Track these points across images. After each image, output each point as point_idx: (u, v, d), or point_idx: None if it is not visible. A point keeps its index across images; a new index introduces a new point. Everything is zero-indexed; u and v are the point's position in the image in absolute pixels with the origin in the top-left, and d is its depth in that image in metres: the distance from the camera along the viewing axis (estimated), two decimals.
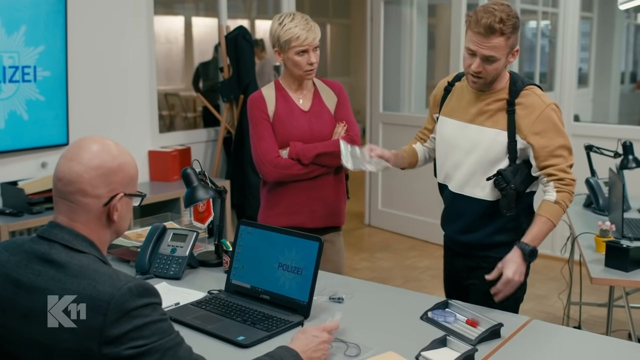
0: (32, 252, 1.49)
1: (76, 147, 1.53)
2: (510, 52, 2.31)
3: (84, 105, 4.02)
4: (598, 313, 4.31)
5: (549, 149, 2.31)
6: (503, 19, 2.22)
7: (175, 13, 9.63)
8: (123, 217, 1.58)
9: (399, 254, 5.67)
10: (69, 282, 1.41)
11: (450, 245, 2.67)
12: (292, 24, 2.69)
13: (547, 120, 2.32)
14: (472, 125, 2.43)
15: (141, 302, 1.40)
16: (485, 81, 2.36)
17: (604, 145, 3.78)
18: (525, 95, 2.36)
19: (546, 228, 2.32)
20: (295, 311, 2.11)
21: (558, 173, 2.32)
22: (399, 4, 6.36)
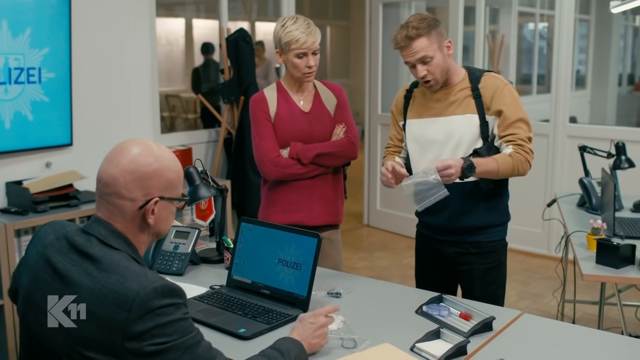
0: (73, 242, 1.55)
1: (117, 150, 1.58)
2: (440, 46, 2.51)
3: (87, 106, 4.08)
4: (592, 311, 4.38)
5: (510, 120, 2.51)
6: (414, 25, 2.48)
7: (176, 15, 9.71)
8: (161, 220, 1.62)
9: (397, 253, 5.74)
10: (99, 276, 1.47)
11: (433, 235, 2.76)
12: (294, 27, 2.76)
13: (507, 96, 2.54)
14: (442, 117, 2.60)
15: (165, 301, 1.45)
16: (437, 81, 2.56)
17: (599, 146, 3.85)
18: (486, 80, 2.58)
19: (490, 163, 2.46)
20: (294, 305, 2.18)
21: (517, 140, 2.50)
22: (397, 7, 6.44)
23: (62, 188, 3.72)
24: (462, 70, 2.63)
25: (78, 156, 4.04)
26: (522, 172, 2.50)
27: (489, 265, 2.67)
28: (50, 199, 3.63)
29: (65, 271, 1.52)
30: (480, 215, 2.63)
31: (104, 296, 1.44)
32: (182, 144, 4.72)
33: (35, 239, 1.65)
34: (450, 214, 2.65)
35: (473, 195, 2.60)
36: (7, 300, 3.32)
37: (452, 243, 2.70)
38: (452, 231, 2.67)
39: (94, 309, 1.44)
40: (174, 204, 1.66)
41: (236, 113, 4.71)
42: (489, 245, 2.67)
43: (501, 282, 2.72)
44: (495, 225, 2.67)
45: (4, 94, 3.62)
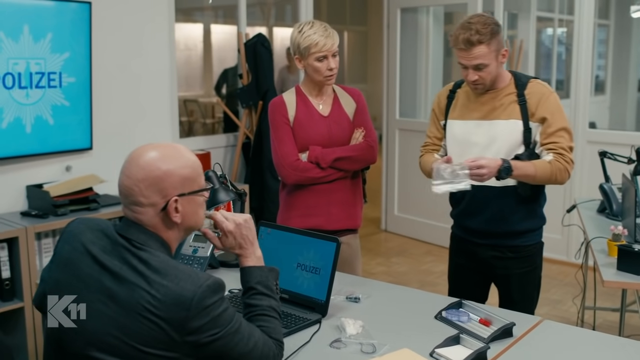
0: (115, 241, 1.62)
1: (128, 161, 1.64)
2: (497, 54, 2.50)
3: (107, 111, 4.11)
4: (613, 318, 4.34)
5: (552, 128, 2.52)
6: (479, 30, 2.42)
7: (195, 20, 9.75)
8: (188, 215, 1.68)
9: (415, 258, 5.72)
10: (152, 277, 1.55)
11: (469, 238, 2.77)
12: (311, 31, 2.77)
13: (553, 104, 2.55)
14: (486, 121, 2.60)
15: (217, 297, 1.58)
16: (485, 85, 2.57)
17: (619, 152, 3.81)
18: (532, 87, 2.58)
19: (528, 167, 2.48)
20: (313, 309, 2.18)
21: (558, 148, 2.51)
22: (415, 12, 6.42)
23: (82, 192, 3.75)
24: (508, 75, 2.63)
25: (98, 160, 4.07)
26: (560, 180, 2.52)
27: (526, 269, 2.71)
28: (70, 202, 3.66)
29: (116, 270, 1.58)
30: (518, 220, 2.65)
31: (163, 297, 1.52)
32: (200, 148, 4.74)
33: (67, 235, 1.69)
34: (488, 217, 2.66)
35: (512, 200, 2.61)
36: (27, 302, 3.35)
37: (488, 247, 2.72)
38: (489, 235, 2.69)
39: (152, 308, 1.52)
40: (197, 196, 1.70)
41: (254, 118, 4.73)
42: (525, 249, 2.70)
43: (537, 283, 2.76)
44: (532, 230, 2.70)
45: (25, 99, 3.66)
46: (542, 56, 8.55)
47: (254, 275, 1.81)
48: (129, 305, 1.54)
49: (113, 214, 3.72)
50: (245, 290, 1.81)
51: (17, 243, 3.32)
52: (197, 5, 8.94)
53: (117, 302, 1.56)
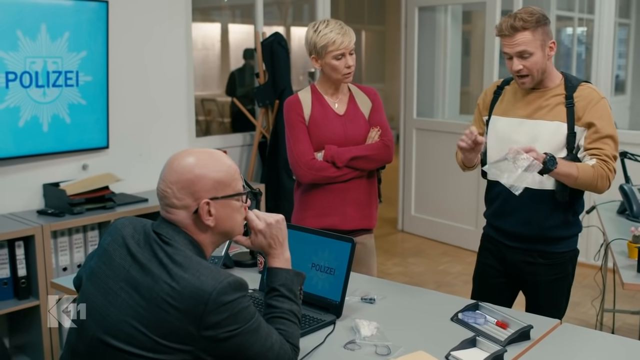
0: (148, 236, 1.67)
1: (165, 165, 1.70)
2: (543, 44, 2.43)
3: (124, 110, 4.12)
4: (632, 321, 4.28)
5: (599, 135, 2.44)
6: (523, 17, 2.40)
7: (212, 20, 9.77)
8: (222, 219, 1.71)
9: (432, 259, 5.68)
10: (175, 270, 1.58)
11: (500, 239, 2.70)
12: (327, 29, 2.75)
13: (602, 109, 2.46)
14: (530, 120, 2.53)
15: (237, 295, 1.59)
16: (532, 78, 2.48)
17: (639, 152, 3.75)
18: (582, 90, 2.50)
19: (571, 167, 2.39)
20: (327, 310, 2.16)
21: (602, 155, 2.43)
22: (433, 11, 6.38)
23: (98, 190, 3.76)
24: (559, 76, 2.56)
25: (114, 159, 4.08)
26: (600, 188, 2.43)
27: (555, 277, 2.63)
28: (87, 200, 3.67)
29: (145, 262, 1.63)
30: (553, 227, 2.57)
31: (182, 289, 1.55)
32: (216, 147, 4.73)
33: (112, 229, 1.77)
34: (521, 220, 2.59)
35: (548, 204, 2.54)
36: (42, 301, 3.36)
37: (519, 250, 2.65)
38: (521, 238, 2.63)
39: (171, 300, 1.55)
40: (233, 201, 1.72)
41: (271, 117, 4.71)
42: (558, 256, 2.62)
43: (566, 291, 2.69)
44: (567, 237, 2.62)
45: (42, 97, 3.68)
46: (562, 56, 8.46)
47: (279, 277, 1.81)
48: (150, 296, 1.58)
49: (129, 212, 3.72)
50: (269, 291, 1.81)
51: (33, 241, 3.34)
52: (215, 4, 8.95)
53: (139, 292, 1.60)
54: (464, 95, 6.97)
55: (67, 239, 3.58)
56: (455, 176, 5.52)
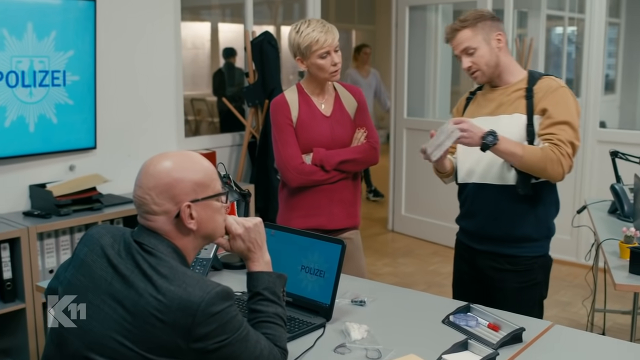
0: (129, 246, 1.61)
1: (140, 172, 1.64)
2: (487, 38, 2.46)
3: (112, 110, 4.07)
4: (623, 321, 4.27)
5: (553, 120, 2.39)
6: (461, 18, 2.49)
7: (202, 19, 9.72)
8: (204, 221, 1.66)
9: (422, 259, 5.66)
10: (160, 282, 1.53)
11: (470, 244, 2.68)
12: (309, 29, 2.73)
13: (559, 97, 2.42)
14: (492, 117, 2.52)
15: (225, 304, 1.54)
16: (482, 73, 2.51)
17: (629, 151, 3.74)
18: (542, 82, 2.48)
19: (516, 145, 2.35)
20: (317, 313, 2.13)
21: (554, 139, 2.36)
22: (424, 10, 6.36)
23: (85, 191, 3.71)
24: (523, 73, 2.55)
25: (102, 159, 4.04)
26: (551, 172, 2.34)
27: (524, 285, 2.55)
28: (74, 202, 3.62)
29: (127, 274, 1.57)
30: (516, 224, 2.51)
31: (169, 302, 1.50)
32: (206, 147, 4.70)
33: (88, 239, 1.70)
34: (484, 218, 2.57)
35: (511, 200, 2.49)
36: (28, 304, 3.32)
37: (486, 255, 2.60)
38: (486, 239, 2.59)
39: (157, 314, 1.50)
40: (214, 202, 1.67)
41: (260, 117, 4.68)
42: (525, 263, 2.54)
43: (536, 301, 2.58)
44: (532, 239, 2.54)
45: (28, 97, 3.63)
46: (552, 55, 8.47)
47: (261, 281, 1.77)
48: (135, 310, 1.52)
49: (117, 214, 3.68)
50: (252, 296, 1.77)
51: (19, 243, 3.29)
52: (205, 3, 8.90)
53: (124, 306, 1.54)
54: (454, 95, 6.96)
55: (54, 240, 3.54)
56: None
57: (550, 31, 8.31)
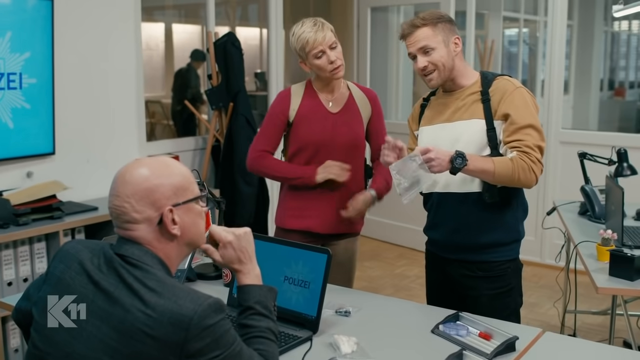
0: (111, 260, 1.51)
1: (115, 181, 1.55)
2: (446, 40, 2.37)
3: (71, 113, 3.91)
4: (591, 321, 4.30)
5: (517, 125, 2.30)
6: (422, 16, 2.38)
7: (156, 20, 9.53)
8: (188, 226, 1.58)
9: (388, 262, 5.62)
10: (148, 296, 1.43)
11: (439, 253, 2.60)
12: (301, 30, 2.68)
13: (517, 99, 2.34)
14: (449, 123, 2.44)
15: (218, 317, 1.45)
16: (438, 74, 2.40)
17: (592, 152, 3.75)
18: (497, 83, 2.40)
19: (486, 162, 2.25)
20: (303, 326, 2.06)
21: (522, 147, 2.28)
22: (385, 11, 6.33)
23: (44, 199, 3.54)
24: (476, 74, 2.47)
25: (61, 165, 3.87)
26: (524, 181, 2.26)
27: (498, 291, 2.45)
28: (33, 210, 3.45)
29: (110, 290, 1.46)
30: (484, 231, 2.43)
31: (159, 316, 1.41)
32: (167, 152, 4.57)
33: (63, 255, 1.59)
34: (452, 228, 2.48)
35: (477, 207, 2.40)
36: None
37: (457, 263, 2.51)
38: (455, 248, 2.50)
39: (147, 330, 1.41)
40: (195, 205, 1.60)
41: (225, 120, 4.56)
42: (497, 268, 2.45)
43: (513, 308, 2.49)
44: (502, 243, 2.45)
45: None
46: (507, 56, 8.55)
47: (252, 294, 1.67)
48: (122, 328, 1.42)
49: (78, 222, 3.54)
50: (243, 310, 1.67)
51: None
52: (159, 4, 8.72)
53: (109, 324, 1.44)
54: (416, 97, 6.96)
55: (12, 251, 3.36)
56: None
57: (506, 33, 8.39)
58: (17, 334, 3.42)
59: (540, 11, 8.31)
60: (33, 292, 1.64)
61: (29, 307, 1.63)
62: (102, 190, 4.19)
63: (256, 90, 8.91)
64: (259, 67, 11.21)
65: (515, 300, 2.51)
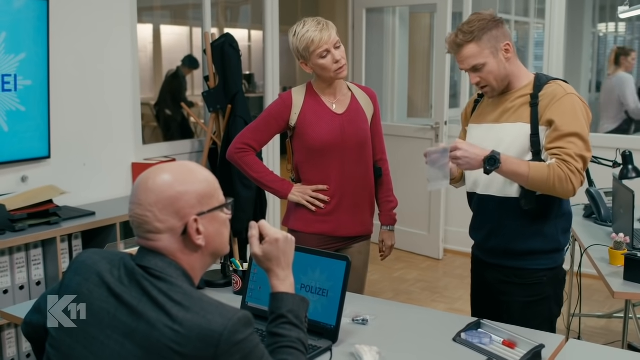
0: (133, 272, 1.43)
1: (136, 188, 1.48)
2: (494, 51, 2.30)
3: (66, 116, 3.82)
4: (593, 324, 4.27)
5: (560, 132, 2.22)
6: (463, 30, 2.29)
7: (144, 21, 9.43)
8: (213, 236, 1.50)
9: (386, 266, 5.55)
10: (174, 310, 1.36)
11: (480, 256, 2.57)
12: (304, 29, 2.63)
13: (565, 105, 2.25)
14: (497, 124, 2.39)
15: (248, 332, 1.39)
16: (492, 87, 2.36)
17: None
18: (548, 87, 2.32)
19: (521, 165, 2.20)
20: (321, 335, 1.99)
21: (562, 155, 2.20)
22: (381, 12, 6.28)
23: (41, 204, 3.45)
24: (530, 76, 2.39)
25: (56, 169, 3.78)
26: (560, 190, 2.18)
27: (531, 299, 2.39)
28: (29, 216, 3.35)
29: (133, 303, 1.38)
30: (521, 238, 2.36)
31: (188, 332, 1.34)
32: (164, 155, 4.49)
33: (79, 266, 1.52)
34: (488, 231, 2.44)
35: (515, 213, 2.34)
36: None
37: (494, 267, 2.46)
38: (491, 252, 2.47)
39: (174, 346, 1.34)
40: (220, 214, 1.52)
41: (222, 123, 4.48)
42: (533, 276, 2.38)
43: (546, 317, 2.42)
44: (539, 252, 2.37)
45: None
46: None
47: (286, 303, 1.61)
48: (147, 344, 1.35)
49: (76, 228, 3.45)
50: (275, 318, 1.61)
51: None
52: (146, 5, 8.62)
53: (134, 341, 1.36)
54: (411, 99, 6.92)
55: (8, 258, 3.27)
56: (406, 181, 5.43)
57: None
58: (14, 343, 3.33)
59: (530, 13, 8.31)
60: (45, 306, 1.55)
61: (41, 322, 1.56)
62: (100, 195, 4.15)
63: (245, 92, 8.84)
64: (248, 69, 11.14)
65: (551, 310, 2.44)
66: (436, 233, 5.71)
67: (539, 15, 7.68)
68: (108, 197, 3.98)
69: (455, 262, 5.51)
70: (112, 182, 4.08)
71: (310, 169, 2.77)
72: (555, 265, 2.43)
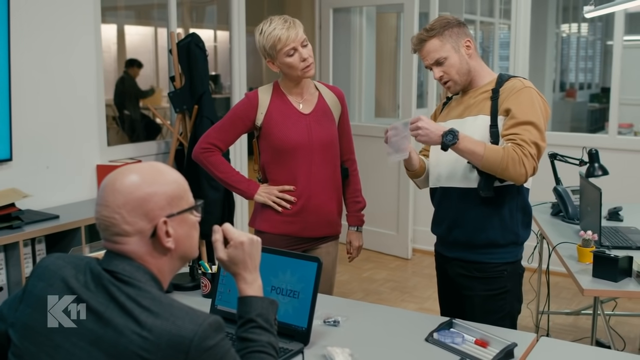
0: (99, 277, 1.39)
1: (103, 189, 1.44)
2: (455, 46, 2.39)
3: (28, 117, 3.72)
4: (561, 321, 4.31)
5: (516, 120, 2.27)
6: (427, 27, 2.41)
7: (108, 21, 9.29)
8: (182, 239, 1.46)
9: (355, 266, 5.54)
10: (143, 316, 1.32)
11: (442, 252, 2.59)
12: (271, 27, 2.59)
13: (523, 96, 2.32)
14: (460, 119, 2.45)
15: (219, 337, 1.36)
16: (455, 81, 2.44)
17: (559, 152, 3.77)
18: (509, 82, 2.39)
19: (477, 145, 2.24)
20: (292, 338, 1.97)
21: (517, 139, 2.23)
22: (348, 12, 6.27)
23: (2, 208, 3.35)
24: (493, 75, 2.47)
25: (18, 172, 3.68)
26: (513, 173, 2.19)
27: (491, 293, 2.42)
28: None
29: (100, 309, 1.34)
30: (480, 228, 2.40)
31: (157, 339, 1.30)
32: (129, 156, 4.41)
33: (42, 271, 1.46)
34: (450, 223, 2.48)
35: (474, 203, 2.38)
36: None
37: (455, 262, 2.50)
38: (453, 245, 2.50)
39: (143, 353, 1.30)
40: (190, 215, 1.48)
41: (189, 123, 4.42)
42: (493, 270, 2.42)
43: (507, 312, 2.44)
44: (498, 244, 2.41)
45: None
46: None
47: (254, 307, 1.57)
48: (115, 352, 1.31)
49: (39, 232, 3.36)
50: (244, 322, 1.57)
51: None
52: (110, 4, 8.50)
53: (101, 348, 1.32)
54: (378, 100, 6.93)
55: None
56: (374, 180, 5.43)
57: None
58: None
59: (495, 14, 8.39)
60: (8, 313, 1.49)
61: (2, 329, 1.49)
62: (63, 198, 4.06)
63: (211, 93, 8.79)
64: (214, 69, 11.06)
65: (511, 304, 2.47)
66: (405, 233, 5.71)
67: (505, 15, 7.77)
68: (72, 200, 3.89)
69: (424, 262, 5.52)
70: (77, 184, 3.99)
71: (276, 169, 2.74)
72: (515, 260, 2.48)
